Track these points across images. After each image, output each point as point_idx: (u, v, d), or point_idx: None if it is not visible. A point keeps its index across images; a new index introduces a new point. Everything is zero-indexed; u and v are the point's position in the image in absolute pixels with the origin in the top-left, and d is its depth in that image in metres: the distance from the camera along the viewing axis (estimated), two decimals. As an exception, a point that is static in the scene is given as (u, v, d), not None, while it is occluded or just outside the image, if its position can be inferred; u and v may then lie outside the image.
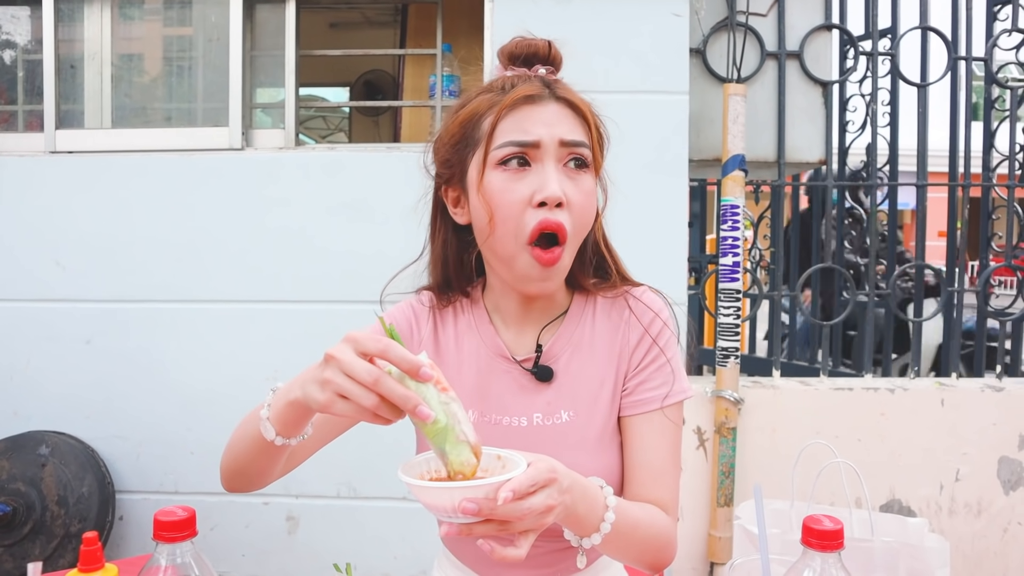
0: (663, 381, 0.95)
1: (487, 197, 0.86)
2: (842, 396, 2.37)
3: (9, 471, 2.28)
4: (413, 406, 0.66)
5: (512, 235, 0.86)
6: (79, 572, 0.68)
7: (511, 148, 0.85)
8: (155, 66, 2.66)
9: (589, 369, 0.96)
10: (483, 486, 0.65)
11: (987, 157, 2.62)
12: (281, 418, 0.77)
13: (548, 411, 0.94)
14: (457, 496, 0.64)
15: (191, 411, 2.41)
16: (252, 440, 0.82)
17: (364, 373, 0.65)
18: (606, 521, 0.79)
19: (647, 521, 0.87)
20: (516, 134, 0.85)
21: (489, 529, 0.67)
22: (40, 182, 2.44)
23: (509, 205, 0.85)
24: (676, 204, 2.32)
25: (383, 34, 3.71)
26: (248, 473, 0.88)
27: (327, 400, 0.68)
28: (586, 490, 0.77)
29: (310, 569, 2.45)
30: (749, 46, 2.44)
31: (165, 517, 0.70)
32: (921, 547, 1.33)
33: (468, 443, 0.68)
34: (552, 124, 0.85)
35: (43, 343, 2.44)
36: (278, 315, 2.39)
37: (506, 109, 0.86)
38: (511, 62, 0.93)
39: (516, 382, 0.96)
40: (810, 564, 0.71)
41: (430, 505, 0.67)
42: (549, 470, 0.70)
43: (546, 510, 0.69)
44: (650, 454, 0.93)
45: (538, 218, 0.84)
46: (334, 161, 2.40)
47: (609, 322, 0.98)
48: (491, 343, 0.97)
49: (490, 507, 0.65)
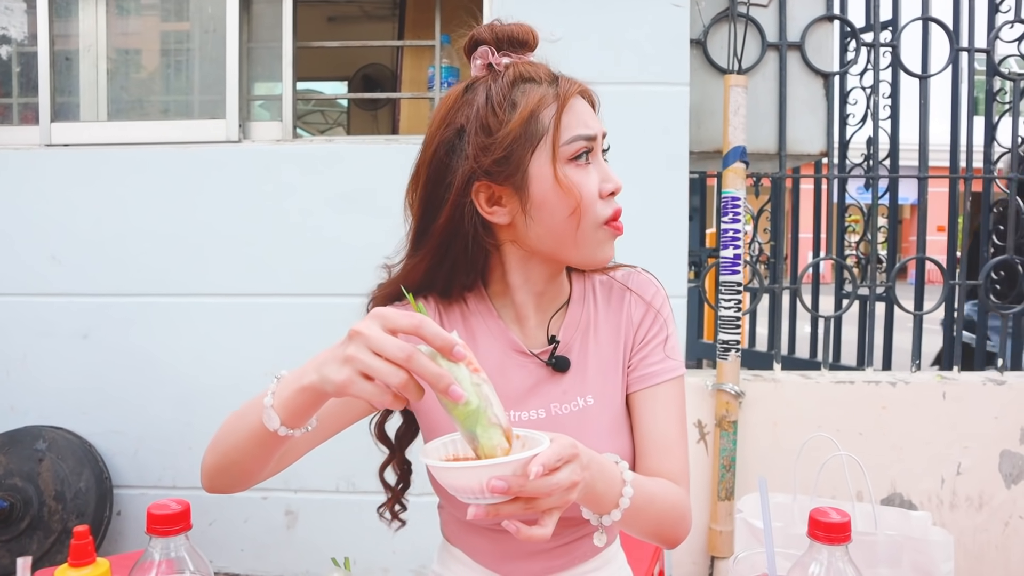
0: (665, 356, 0.97)
1: (569, 190, 0.88)
2: (843, 389, 2.36)
3: (6, 466, 2.27)
4: (446, 385, 0.63)
5: (591, 224, 0.90)
6: (69, 567, 0.67)
7: (581, 143, 0.88)
8: (151, 58, 2.64)
9: (598, 351, 0.97)
10: (511, 463, 0.63)
11: (988, 150, 2.60)
12: (288, 406, 0.73)
13: (564, 399, 0.95)
14: (485, 475, 0.63)
15: (189, 406, 2.40)
16: (249, 432, 0.78)
17: (395, 349, 0.63)
18: (625, 496, 0.79)
19: (662, 494, 0.87)
20: (580, 128, 0.88)
21: (516, 508, 0.66)
22: (36, 175, 2.42)
23: (590, 196, 0.89)
24: (676, 196, 2.31)
25: (381, 27, 3.69)
26: (237, 470, 0.84)
27: (346, 379, 0.65)
28: (603, 466, 0.77)
29: (309, 563, 2.44)
30: (750, 37, 2.43)
31: (159, 511, 0.68)
32: (925, 540, 1.33)
33: (500, 426, 0.66)
34: (592, 118, 0.91)
35: (40, 338, 2.43)
36: (276, 309, 2.38)
37: (566, 103, 0.88)
38: (506, 47, 0.91)
39: (532, 376, 0.96)
40: (816, 557, 0.70)
41: (456, 487, 0.65)
42: (571, 445, 0.69)
43: (571, 486, 0.68)
44: (660, 426, 0.95)
45: (612, 208, 0.90)
46: (332, 153, 2.39)
47: (610, 303, 1.00)
48: (504, 339, 0.97)
49: (519, 484, 0.63)
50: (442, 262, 0.93)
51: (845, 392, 2.36)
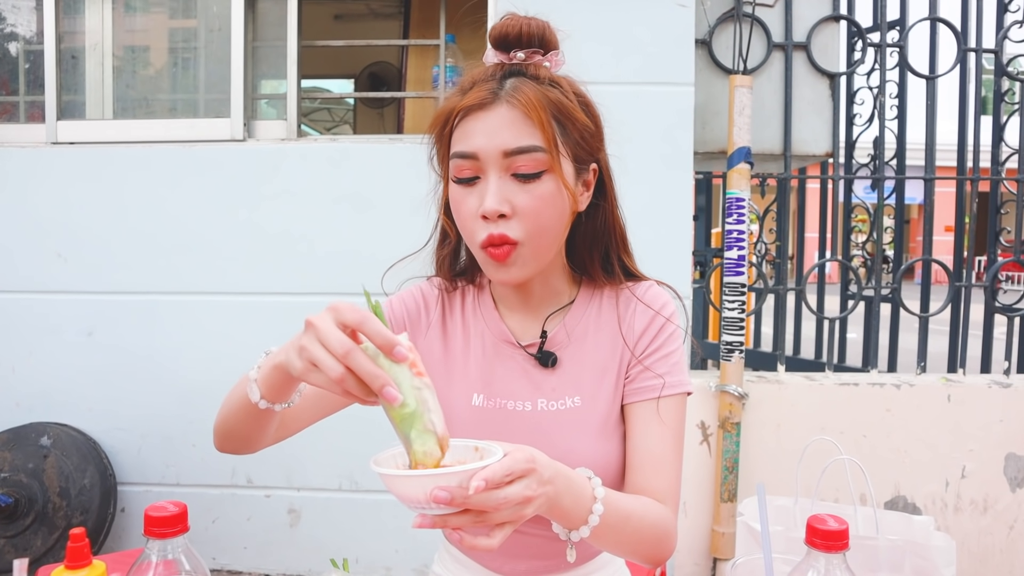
0: (666, 371, 0.94)
1: (452, 209, 0.90)
2: (847, 392, 2.35)
3: (11, 462, 2.28)
4: (380, 385, 0.63)
5: (471, 243, 0.89)
6: (66, 569, 0.67)
7: (457, 162, 0.87)
8: (157, 57, 2.65)
9: (593, 356, 0.96)
10: (456, 474, 0.62)
11: (996, 151, 2.59)
12: (267, 381, 0.76)
13: (553, 396, 0.94)
14: (429, 484, 0.62)
15: (193, 404, 2.41)
16: (240, 402, 0.82)
17: (336, 343, 0.63)
18: (594, 513, 0.77)
19: (640, 513, 0.85)
20: (461, 144, 0.86)
21: (465, 520, 0.65)
22: (42, 173, 2.43)
23: (462, 218, 0.88)
24: (680, 197, 2.30)
25: (387, 26, 3.69)
26: (236, 435, 0.87)
27: (303, 368, 0.66)
28: (571, 481, 0.75)
29: (311, 561, 2.44)
30: (755, 37, 2.42)
31: (156, 513, 0.68)
32: (927, 546, 1.32)
33: (435, 434, 0.66)
34: (495, 133, 0.84)
35: (45, 335, 2.44)
36: (281, 307, 2.38)
37: (458, 116, 0.87)
38: (495, 47, 0.91)
39: (520, 367, 0.96)
40: (814, 565, 0.70)
41: (401, 496, 0.64)
42: (527, 460, 0.67)
43: (524, 501, 0.66)
44: (651, 442, 0.92)
45: (486, 232, 0.85)
46: (337, 152, 2.39)
47: (614, 312, 0.98)
48: (496, 328, 0.98)
49: (463, 496, 0.62)
50: (441, 245, 1.00)
51: (849, 394, 2.35)
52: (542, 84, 0.87)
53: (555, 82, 0.89)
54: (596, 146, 0.92)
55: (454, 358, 0.98)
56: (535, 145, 0.84)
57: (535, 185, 0.85)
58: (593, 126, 0.91)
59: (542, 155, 0.84)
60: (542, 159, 0.84)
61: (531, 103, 0.84)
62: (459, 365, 0.98)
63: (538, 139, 0.84)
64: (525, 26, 0.89)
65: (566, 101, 0.87)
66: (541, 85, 0.87)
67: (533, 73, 0.88)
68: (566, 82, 0.90)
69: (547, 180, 0.85)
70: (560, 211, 0.87)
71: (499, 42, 0.90)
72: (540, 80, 0.87)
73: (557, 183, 0.85)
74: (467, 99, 0.86)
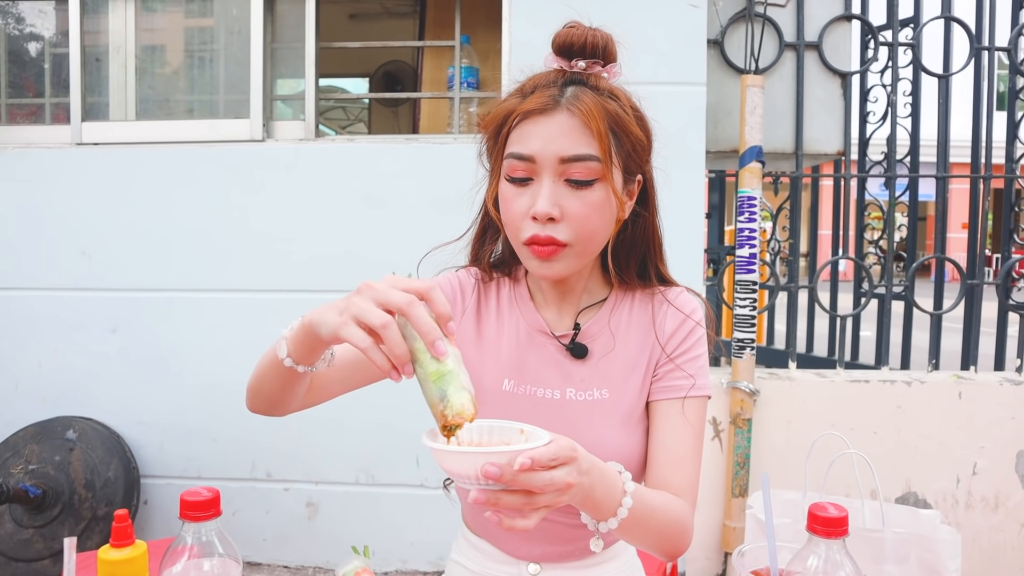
0: (693, 372, 0.98)
1: (502, 203, 0.92)
2: (858, 388, 2.36)
3: (39, 455, 2.34)
4: (434, 338, 0.68)
5: (516, 241, 0.92)
6: (111, 547, 0.71)
7: (512, 162, 0.89)
8: (178, 58, 2.70)
9: (623, 352, 1.00)
10: (507, 452, 0.66)
11: (1010, 148, 2.59)
12: (296, 340, 0.80)
13: (582, 387, 0.98)
14: (480, 460, 0.65)
15: (214, 399, 2.46)
16: (270, 359, 0.87)
17: (399, 296, 0.68)
18: (623, 506, 0.80)
19: (663, 508, 0.88)
20: (519, 146, 0.89)
21: (515, 500, 0.68)
22: (67, 174, 2.49)
23: (511, 215, 0.91)
24: (693, 195, 2.32)
25: (402, 25, 3.72)
26: (264, 394, 0.92)
27: (339, 323, 0.70)
28: (605, 474, 0.78)
29: (329, 554, 2.49)
30: (767, 37, 2.43)
31: (191, 497, 0.73)
32: (933, 538, 1.34)
33: (469, 392, 0.71)
34: (553, 139, 0.87)
35: (71, 331, 2.50)
36: (300, 304, 2.42)
37: (517, 118, 0.89)
38: (556, 54, 0.94)
39: (552, 357, 0.99)
40: (815, 550, 0.73)
41: (453, 471, 0.68)
42: (571, 448, 0.71)
43: (565, 487, 0.70)
44: (675, 439, 0.96)
45: (533, 231, 0.88)
46: (353, 152, 2.43)
47: (646, 312, 1.02)
48: (531, 318, 1.01)
49: (512, 474, 0.66)
50: (482, 237, 1.05)
51: (860, 391, 2.36)
52: (601, 95, 0.90)
53: (614, 94, 0.92)
54: (645, 159, 0.96)
55: (487, 344, 1.02)
56: (591, 154, 0.87)
57: (587, 192, 0.88)
58: (645, 140, 0.95)
59: (596, 164, 0.87)
60: (596, 168, 0.87)
61: (591, 113, 0.87)
62: (491, 350, 1.01)
63: (594, 148, 0.87)
64: (590, 36, 0.92)
65: (623, 114, 0.91)
66: (600, 96, 0.89)
67: (593, 83, 0.91)
68: (623, 95, 0.94)
69: (598, 188, 0.88)
70: (607, 218, 0.91)
71: (562, 50, 0.92)
72: (599, 91, 0.90)
73: (607, 191, 0.88)
74: (528, 103, 0.88)
